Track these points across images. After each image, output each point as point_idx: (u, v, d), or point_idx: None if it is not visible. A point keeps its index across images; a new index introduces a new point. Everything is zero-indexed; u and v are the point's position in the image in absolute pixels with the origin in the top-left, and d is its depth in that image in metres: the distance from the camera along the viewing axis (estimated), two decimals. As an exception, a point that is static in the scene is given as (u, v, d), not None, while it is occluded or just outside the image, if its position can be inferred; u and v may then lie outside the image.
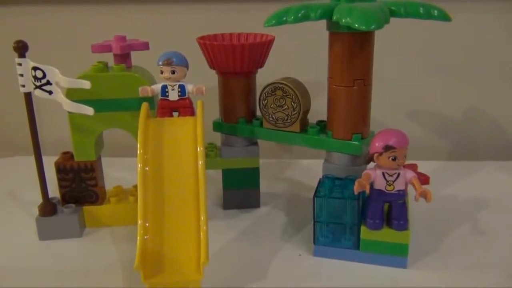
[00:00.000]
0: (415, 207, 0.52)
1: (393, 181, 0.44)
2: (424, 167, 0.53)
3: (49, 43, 0.75)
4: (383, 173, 0.44)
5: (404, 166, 0.50)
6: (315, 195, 0.47)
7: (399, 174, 0.43)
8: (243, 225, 0.55)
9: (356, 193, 0.43)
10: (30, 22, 0.77)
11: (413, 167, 0.52)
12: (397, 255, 0.45)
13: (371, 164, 0.45)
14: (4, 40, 0.56)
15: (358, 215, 0.46)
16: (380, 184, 0.44)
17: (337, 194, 0.47)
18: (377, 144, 0.43)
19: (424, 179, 0.50)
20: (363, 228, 0.46)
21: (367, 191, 0.43)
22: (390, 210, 0.45)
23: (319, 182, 0.49)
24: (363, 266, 0.46)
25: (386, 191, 0.44)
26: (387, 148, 0.42)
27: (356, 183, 0.43)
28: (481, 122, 0.76)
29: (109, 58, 0.53)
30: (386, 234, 0.45)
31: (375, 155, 0.43)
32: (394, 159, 0.42)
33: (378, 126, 0.49)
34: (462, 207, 0.58)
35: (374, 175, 0.44)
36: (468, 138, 0.77)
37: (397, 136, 0.43)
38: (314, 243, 0.48)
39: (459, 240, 0.50)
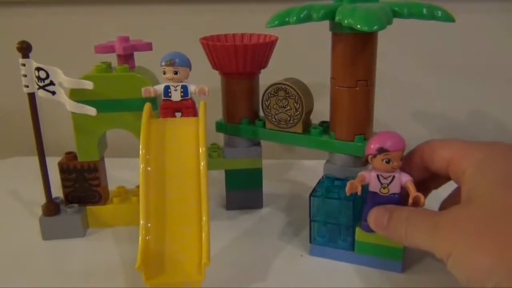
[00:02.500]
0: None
1: (388, 184, 0.43)
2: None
3: (53, 43, 0.75)
4: (377, 176, 0.43)
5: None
6: (311, 194, 0.47)
7: (394, 177, 0.43)
8: (246, 225, 0.55)
9: (347, 194, 0.43)
10: (34, 22, 0.77)
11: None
12: (392, 258, 0.45)
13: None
14: (7, 40, 0.57)
15: (353, 216, 0.46)
16: (374, 187, 0.44)
17: (334, 194, 0.47)
18: (372, 146, 0.42)
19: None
20: (358, 230, 0.46)
21: (359, 192, 0.43)
22: None
23: (319, 181, 0.49)
24: (359, 268, 0.46)
25: (381, 194, 0.44)
26: (381, 150, 0.42)
27: (348, 184, 0.43)
28: (485, 123, 0.76)
29: (112, 58, 0.53)
30: (381, 237, 0.44)
31: (369, 157, 0.43)
32: (388, 162, 0.42)
33: (381, 127, 0.49)
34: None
35: (368, 177, 0.44)
36: (472, 139, 0.76)
37: (392, 139, 0.42)
38: (310, 242, 0.48)
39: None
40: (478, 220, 0.32)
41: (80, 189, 0.54)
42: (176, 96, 0.50)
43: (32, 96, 0.49)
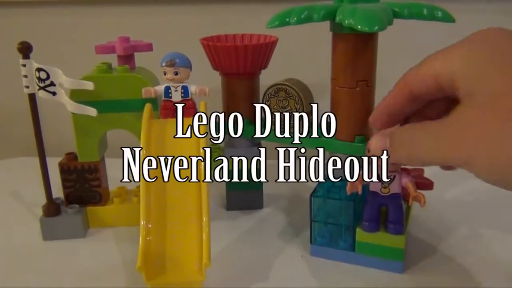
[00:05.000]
0: (419, 209, 0.52)
1: (389, 184, 0.43)
2: (428, 168, 0.52)
3: (53, 44, 0.75)
4: None
5: (411, 171, 0.49)
6: (312, 195, 0.47)
7: (394, 177, 0.43)
8: (246, 226, 0.55)
9: (348, 193, 0.43)
10: (34, 23, 0.77)
11: (419, 172, 0.51)
12: (393, 259, 0.45)
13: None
14: (8, 41, 0.57)
15: (354, 217, 0.46)
16: (375, 186, 0.44)
17: (334, 195, 0.47)
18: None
19: (427, 184, 0.49)
20: (358, 230, 0.46)
21: (360, 192, 0.43)
22: (386, 213, 0.45)
23: (319, 182, 0.49)
24: (359, 269, 0.46)
25: (381, 194, 0.44)
26: None
27: (348, 183, 0.43)
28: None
29: (113, 59, 0.53)
30: (381, 237, 0.45)
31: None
32: None
33: (381, 128, 0.49)
34: (465, 209, 0.57)
35: None
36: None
37: None
38: (311, 242, 0.48)
39: (460, 243, 0.50)
40: (483, 118, 0.30)
41: (80, 190, 0.54)
42: (176, 96, 0.50)
43: (32, 97, 0.49)
